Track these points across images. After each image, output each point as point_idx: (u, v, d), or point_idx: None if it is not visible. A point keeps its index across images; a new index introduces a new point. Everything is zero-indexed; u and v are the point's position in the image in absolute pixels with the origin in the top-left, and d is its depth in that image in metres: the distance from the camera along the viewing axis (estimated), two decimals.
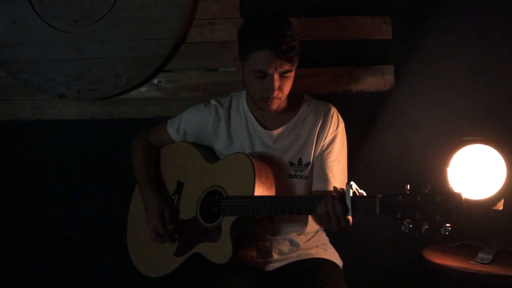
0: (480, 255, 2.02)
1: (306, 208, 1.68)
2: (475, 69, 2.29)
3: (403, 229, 1.47)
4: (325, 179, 1.88)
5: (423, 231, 1.45)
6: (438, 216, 1.43)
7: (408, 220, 1.46)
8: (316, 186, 1.90)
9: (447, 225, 1.43)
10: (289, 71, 1.79)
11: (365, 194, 1.58)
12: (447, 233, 1.42)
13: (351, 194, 1.56)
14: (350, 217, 1.61)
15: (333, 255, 1.97)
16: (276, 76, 1.78)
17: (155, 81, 2.47)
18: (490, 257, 2.00)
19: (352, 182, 1.57)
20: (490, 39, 2.26)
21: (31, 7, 2.45)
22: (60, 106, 2.55)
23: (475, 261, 2.00)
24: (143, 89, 2.49)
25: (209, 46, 2.42)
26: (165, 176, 2.07)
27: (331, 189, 1.84)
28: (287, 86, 1.84)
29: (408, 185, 1.50)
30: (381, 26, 2.33)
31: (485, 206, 2.01)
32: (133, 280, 2.06)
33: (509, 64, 2.26)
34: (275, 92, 1.80)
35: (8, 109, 2.58)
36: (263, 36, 1.74)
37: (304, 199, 1.75)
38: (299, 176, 1.91)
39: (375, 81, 2.35)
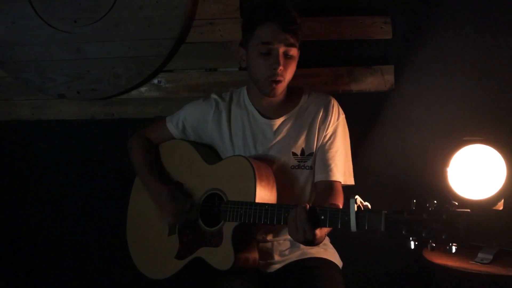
0: (480, 255, 2.02)
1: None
2: (475, 69, 2.28)
3: (407, 245, 1.44)
4: (327, 169, 1.89)
5: (429, 249, 1.41)
6: (444, 236, 1.40)
7: (413, 238, 1.43)
8: (318, 177, 1.91)
9: (454, 244, 1.40)
10: (293, 45, 1.82)
11: (369, 206, 1.54)
12: (453, 251, 1.39)
13: (355, 209, 1.50)
14: (317, 232, 1.58)
15: (333, 256, 1.96)
16: (281, 51, 1.81)
17: (155, 81, 2.47)
18: (490, 257, 2.00)
19: (357, 196, 1.52)
20: (490, 39, 2.26)
21: (31, 7, 2.45)
22: (60, 106, 2.55)
23: (475, 261, 2.00)
24: (143, 89, 2.49)
25: (209, 46, 2.41)
26: (163, 175, 2.04)
27: (334, 179, 1.87)
28: (291, 68, 1.86)
29: (414, 200, 1.46)
30: (381, 26, 2.33)
31: (485, 206, 2.01)
32: (134, 280, 2.05)
33: (509, 64, 2.26)
34: (280, 68, 1.81)
35: (8, 109, 2.59)
36: (267, 10, 1.82)
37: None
38: (302, 167, 1.91)
39: (375, 81, 2.35)
